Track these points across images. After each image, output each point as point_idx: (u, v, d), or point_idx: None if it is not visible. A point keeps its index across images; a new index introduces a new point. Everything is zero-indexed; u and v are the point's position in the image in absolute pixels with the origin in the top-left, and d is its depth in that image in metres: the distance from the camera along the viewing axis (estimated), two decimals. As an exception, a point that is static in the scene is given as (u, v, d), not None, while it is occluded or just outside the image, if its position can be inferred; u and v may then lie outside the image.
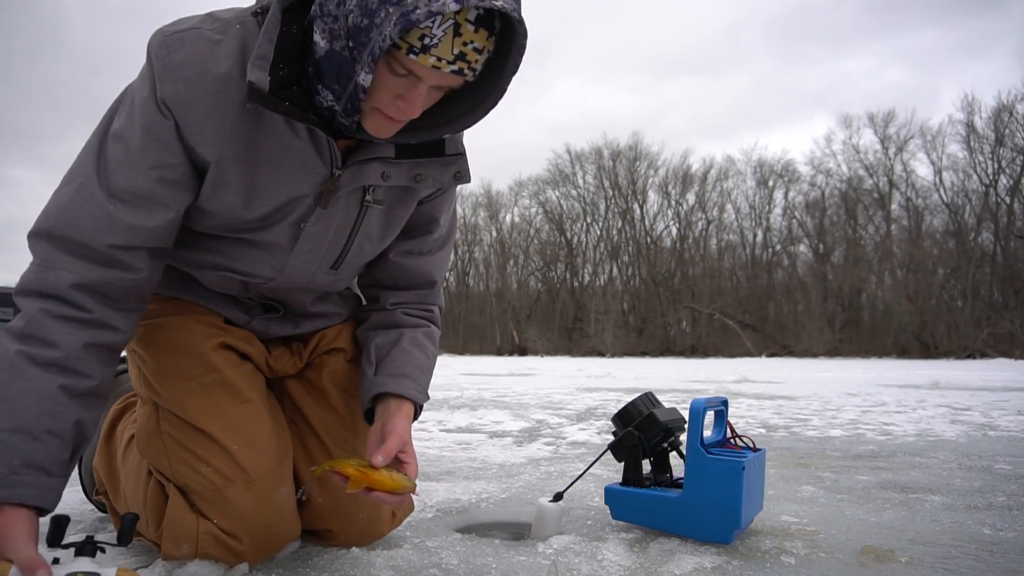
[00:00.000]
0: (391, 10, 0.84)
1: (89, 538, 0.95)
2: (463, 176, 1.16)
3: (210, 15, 1.02)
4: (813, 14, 62.39)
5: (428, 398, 1.25)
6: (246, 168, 1.03)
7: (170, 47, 0.97)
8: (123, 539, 0.97)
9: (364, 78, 0.90)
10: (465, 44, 0.88)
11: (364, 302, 1.40)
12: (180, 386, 1.16)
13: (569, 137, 73.82)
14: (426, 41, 0.87)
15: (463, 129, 1.05)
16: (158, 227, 1.03)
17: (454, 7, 0.83)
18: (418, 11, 0.83)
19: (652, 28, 72.07)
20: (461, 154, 1.15)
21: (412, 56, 0.88)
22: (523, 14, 0.89)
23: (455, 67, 0.90)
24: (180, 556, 1.12)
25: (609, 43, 69.90)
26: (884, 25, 57.01)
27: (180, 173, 1.02)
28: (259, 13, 1.01)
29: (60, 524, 0.94)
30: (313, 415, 1.30)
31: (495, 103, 1.00)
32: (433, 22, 0.85)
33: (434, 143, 1.12)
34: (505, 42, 0.93)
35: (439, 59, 0.88)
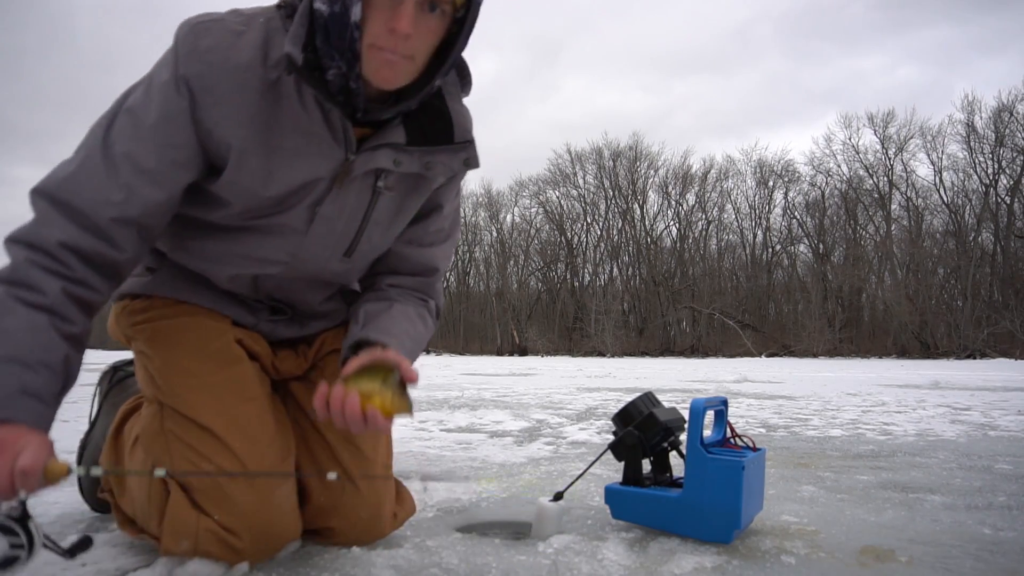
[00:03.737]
0: None
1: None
2: (471, 162, 1.20)
3: (235, 10, 1.09)
4: (824, 11, 61.74)
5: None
6: (265, 152, 1.08)
7: (197, 34, 1.04)
8: (73, 551, 0.93)
9: (356, 12, 0.97)
10: None
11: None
12: (185, 383, 1.17)
13: (577, 135, 73.55)
14: None
15: (457, 57, 1.08)
16: (154, 204, 1.06)
17: None
18: None
19: (663, 25, 71.79)
20: (470, 141, 1.18)
21: None
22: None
23: None
24: (179, 552, 1.12)
25: (620, 40, 69.59)
26: (897, 22, 56.45)
27: (186, 155, 1.06)
28: (283, 6, 1.08)
29: None
30: None
31: (475, 19, 1.03)
32: None
33: (444, 133, 1.15)
34: None
35: None
